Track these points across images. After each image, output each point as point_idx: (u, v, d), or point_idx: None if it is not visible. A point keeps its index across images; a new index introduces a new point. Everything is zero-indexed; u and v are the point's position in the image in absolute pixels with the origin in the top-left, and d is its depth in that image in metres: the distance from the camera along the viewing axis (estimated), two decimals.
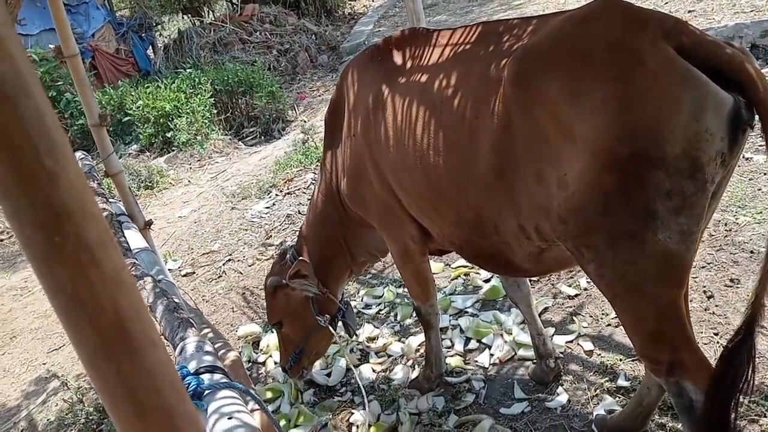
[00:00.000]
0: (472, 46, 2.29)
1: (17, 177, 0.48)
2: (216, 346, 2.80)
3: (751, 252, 3.57)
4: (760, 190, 4.12)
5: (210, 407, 1.46)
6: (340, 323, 3.29)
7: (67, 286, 0.51)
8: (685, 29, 1.74)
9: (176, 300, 2.43)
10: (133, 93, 9.61)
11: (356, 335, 3.73)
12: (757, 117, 1.70)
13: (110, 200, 3.77)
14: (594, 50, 1.78)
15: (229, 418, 1.40)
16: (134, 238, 3.39)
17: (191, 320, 2.12)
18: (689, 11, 7.71)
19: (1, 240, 7.67)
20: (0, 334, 5.48)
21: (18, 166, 0.48)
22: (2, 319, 5.77)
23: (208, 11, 13.92)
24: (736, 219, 3.89)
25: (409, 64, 2.55)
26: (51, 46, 4.24)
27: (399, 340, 3.75)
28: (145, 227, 3.84)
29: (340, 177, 2.91)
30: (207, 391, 1.51)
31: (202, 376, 1.58)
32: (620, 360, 3.10)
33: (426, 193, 2.44)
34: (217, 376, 1.60)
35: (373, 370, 3.50)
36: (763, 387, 2.72)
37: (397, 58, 2.61)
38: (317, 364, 3.60)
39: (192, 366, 1.65)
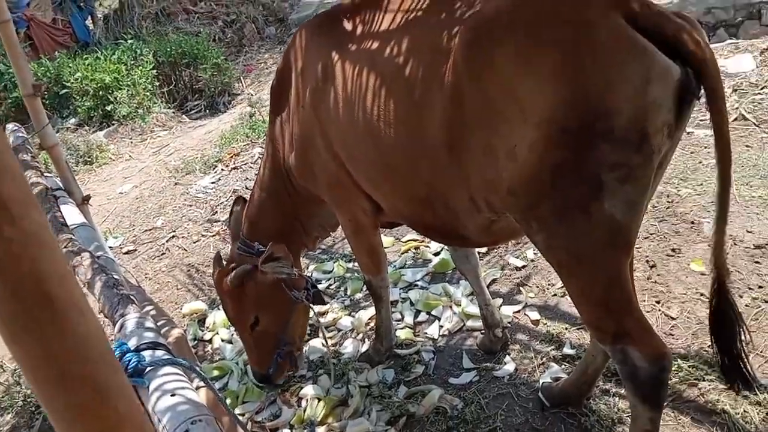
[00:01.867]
0: (424, 13, 2.23)
1: None
2: (159, 323, 2.72)
3: (692, 222, 3.68)
4: (701, 163, 4.24)
5: (152, 384, 1.41)
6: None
7: None
8: None
9: (116, 276, 2.34)
10: (71, 65, 9.18)
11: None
12: (702, 89, 1.72)
13: (46, 174, 3.60)
14: (543, 19, 1.76)
15: (171, 395, 1.35)
16: (71, 214, 3.24)
17: (132, 297, 2.04)
18: None
19: None
20: None
21: None
22: None
23: None
24: (678, 191, 4.00)
25: (359, 32, 2.47)
26: None
27: (349, 315, 3.73)
28: (83, 202, 3.68)
29: (288, 150, 2.83)
30: (148, 368, 1.45)
31: (143, 353, 1.52)
32: (566, 329, 3.16)
33: (376, 166, 2.40)
34: (159, 353, 1.54)
35: (324, 345, 3.48)
36: (702, 352, 2.81)
37: (348, 25, 2.53)
38: None
39: (132, 343, 1.59)
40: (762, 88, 5.14)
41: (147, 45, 9.41)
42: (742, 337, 1.99)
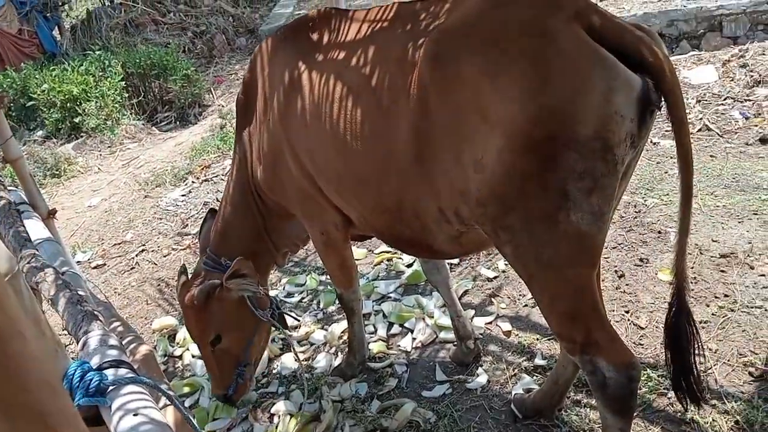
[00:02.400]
0: (389, 26, 2.24)
1: None
2: (126, 340, 2.67)
3: (659, 232, 3.73)
4: (666, 173, 4.31)
5: (114, 404, 1.37)
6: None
7: None
8: (596, 11, 1.76)
9: (81, 292, 2.28)
10: (37, 76, 9.03)
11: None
12: (663, 99, 1.75)
13: (9, 188, 3.52)
14: (508, 31, 1.78)
15: (134, 415, 1.32)
16: (36, 228, 3.17)
17: (97, 313, 1.99)
18: (600, 0, 7.97)
19: None
20: None
21: None
22: None
23: None
24: (645, 201, 4.06)
25: (325, 44, 2.46)
26: None
27: (322, 328, 3.70)
28: (49, 216, 3.60)
29: (256, 164, 2.79)
30: (111, 388, 1.42)
31: (106, 371, 1.49)
32: (537, 339, 3.17)
33: (345, 179, 2.39)
34: (122, 371, 1.51)
35: (296, 359, 3.44)
36: None
37: (314, 37, 2.52)
38: None
39: (95, 361, 1.55)
40: (725, 99, 5.27)
41: (115, 56, 9.30)
42: (697, 349, 2.00)
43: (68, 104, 8.44)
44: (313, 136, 2.40)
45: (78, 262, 5.08)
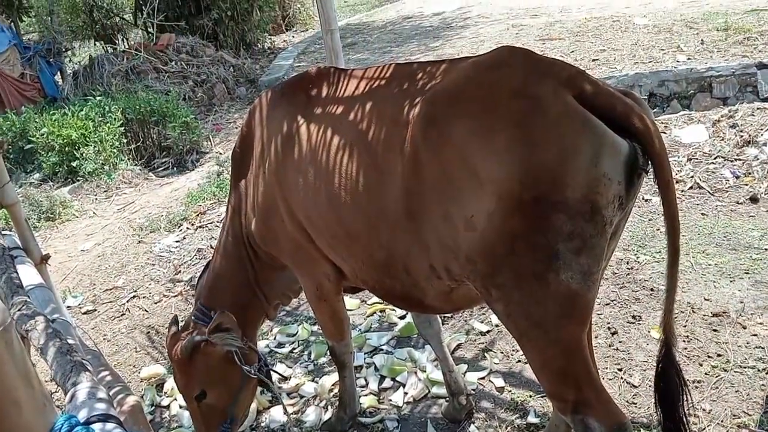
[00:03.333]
0: (385, 86, 2.31)
1: None
2: (114, 390, 2.63)
3: (651, 289, 3.74)
4: (658, 230, 4.34)
5: None
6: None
7: None
8: (585, 79, 1.83)
9: (71, 341, 2.27)
10: (37, 120, 9.10)
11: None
12: (650, 163, 1.80)
13: (3, 233, 3.52)
14: (498, 96, 1.84)
15: None
16: (28, 274, 3.16)
17: (86, 363, 1.98)
18: (593, 60, 8.18)
19: None
20: None
21: None
22: None
23: (122, 39, 13.56)
24: (637, 258, 4.08)
25: (322, 101, 2.53)
26: None
27: (312, 380, 3.66)
28: (42, 262, 3.59)
29: (250, 215, 2.81)
30: None
31: (93, 425, 1.47)
32: (530, 396, 3.15)
33: (338, 233, 2.41)
34: (109, 426, 1.49)
35: (285, 413, 3.39)
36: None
37: (312, 93, 2.58)
38: None
39: (82, 415, 1.53)
40: (715, 158, 5.36)
41: (116, 102, 9.40)
42: (686, 406, 2.02)
43: (66, 148, 8.49)
44: (307, 189, 2.43)
45: (68, 307, 5.04)
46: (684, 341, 3.27)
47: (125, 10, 16.28)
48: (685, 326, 3.37)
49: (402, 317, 4.04)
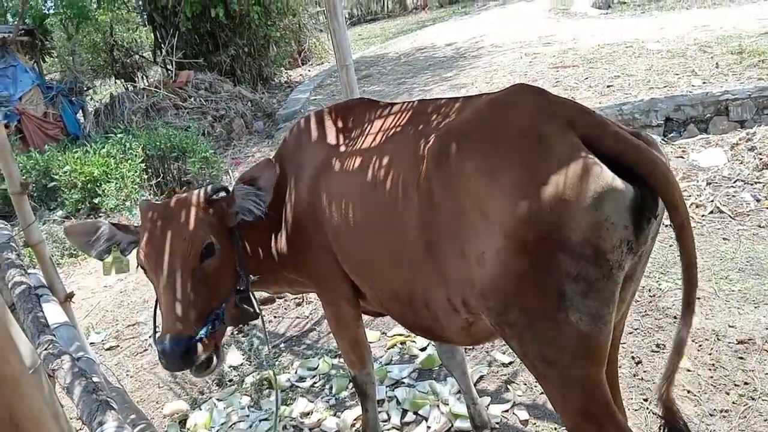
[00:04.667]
0: (407, 122, 2.37)
1: None
2: (138, 429, 2.65)
3: (674, 317, 3.70)
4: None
5: None
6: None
7: None
8: (592, 119, 1.83)
9: (96, 379, 2.30)
10: (60, 158, 9.30)
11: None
12: (664, 206, 1.76)
13: (29, 272, 3.58)
14: (507, 135, 1.85)
15: None
16: (54, 312, 3.21)
17: (111, 402, 2.00)
18: (608, 86, 8.20)
19: None
20: None
21: None
22: None
23: (142, 76, 13.86)
24: (659, 285, 4.04)
25: (353, 132, 2.62)
26: None
27: (334, 415, 3.64)
28: (66, 300, 3.65)
29: (280, 240, 2.81)
30: None
31: None
32: (555, 429, 3.11)
33: (364, 263, 2.46)
34: None
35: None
36: None
37: (345, 124, 2.68)
38: None
39: None
40: (735, 181, 5.32)
41: (137, 138, 9.58)
42: None
43: (89, 185, 8.65)
44: (337, 216, 2.49)
45: (92, 343, 5.08)
46: (710, 370, 3.22)
47: (144, 48, 16.70)
48: (710, 354, 3.32)
49: (423, 349, 4.03)
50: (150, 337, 2.62)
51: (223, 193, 2.61)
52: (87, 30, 15.21)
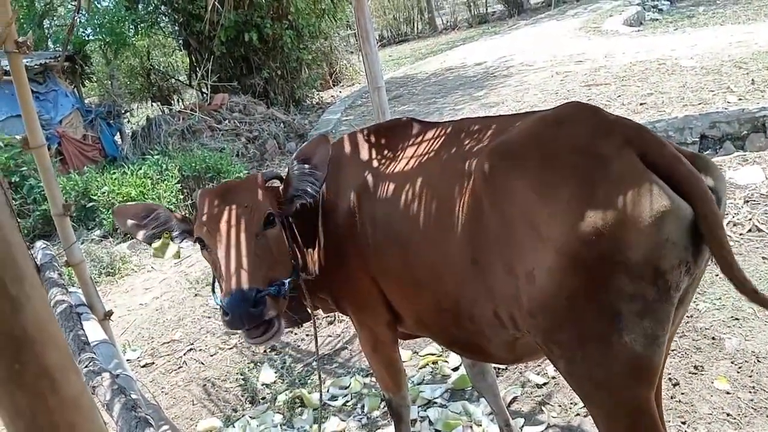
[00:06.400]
0: (455, 137, 2.36)
1: None
2: None
3: (713, 338, 3.63)
4: (717, 275, 4.22)
5: None
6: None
7: (25, 413, 0.50)
8: (649, 138, 1.79)
9: (134, 396, 2.35)
10: (98, 179, 9.57)
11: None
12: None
13: (70, 290, 3.69)
14: (562, 152, 1.82)
15: None
16: (93, 330, 3.30)
17: (149, 418, 2.05)
18: (641, 103, 8.12)
19: None
20: None
21: None
22: None
23: (178, 99, 14.20)
24: (697, 305, 3.97)
25: (398, 150, 2.61)
26: (18, 136, 4.25)
27: None
28: (105, 318, 3.74)
29: (314, 261, 2.80)
30: None
31: None
32: None
33: (406, 279, 2.44)
34: None
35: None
36: None
37: (390, 142, 2.67)
38: None
39: None
40: None
41: (173, 160, 9.81)
42: None
43: None
44: (379, 234, 2.48)
45: (128, 360, 5.18)
46: (750, 392, 3.14)
47: (180, 72, 17.13)
48: (750, 377, 3.24)
49: (455, 369, 4.01)
50: (212, 299, 2.62)
51: (276, 182, 2.62)
52: (125, 55, 15.69)
